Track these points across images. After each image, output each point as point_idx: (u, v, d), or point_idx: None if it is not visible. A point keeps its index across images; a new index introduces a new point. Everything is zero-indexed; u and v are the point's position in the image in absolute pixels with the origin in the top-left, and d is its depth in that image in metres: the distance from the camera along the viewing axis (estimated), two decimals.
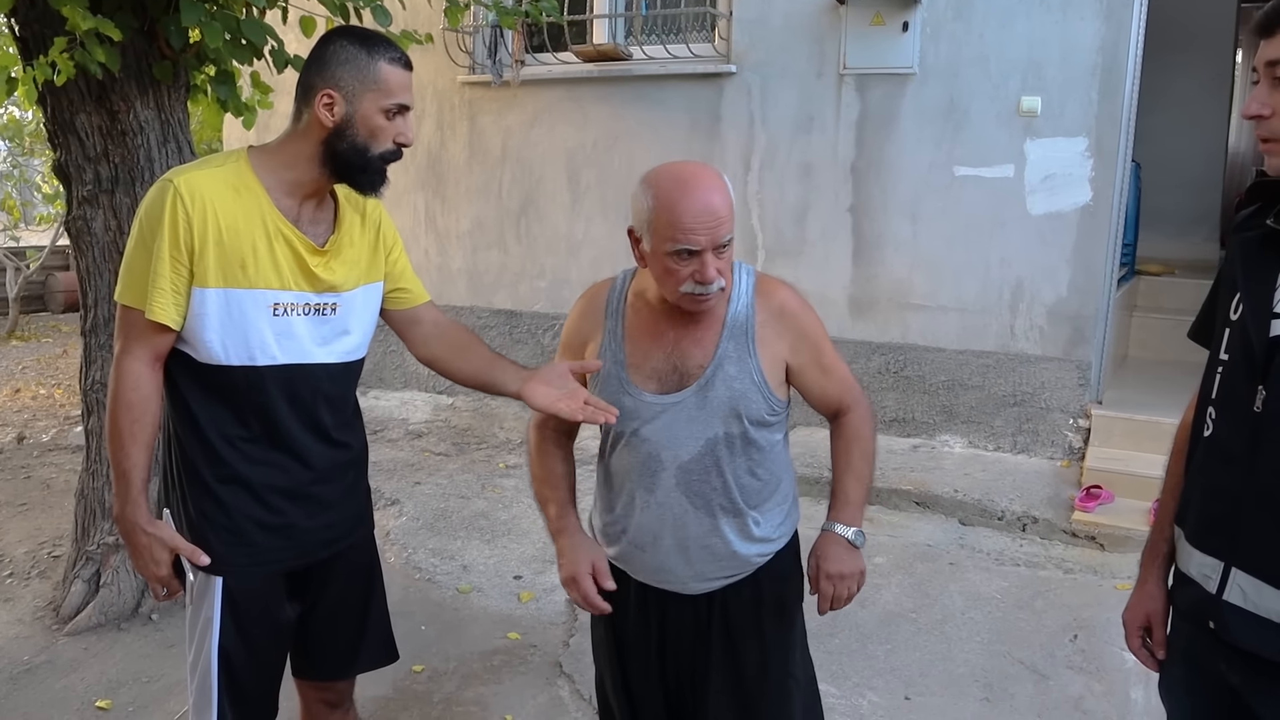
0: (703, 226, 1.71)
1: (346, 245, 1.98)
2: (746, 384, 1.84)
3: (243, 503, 1.92)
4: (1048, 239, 4.87)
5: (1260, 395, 1.44)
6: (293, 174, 1.88)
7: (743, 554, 1.93)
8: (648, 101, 5.64)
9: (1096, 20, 4.64)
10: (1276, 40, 1.41)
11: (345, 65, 1.82)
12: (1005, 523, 4.44)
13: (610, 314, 1.96)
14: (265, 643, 2.00)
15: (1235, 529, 1.49)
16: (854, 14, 5.03)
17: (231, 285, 1.83)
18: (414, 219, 6.48)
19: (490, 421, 6.15)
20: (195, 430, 1.90)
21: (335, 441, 2.01)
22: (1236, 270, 1.54)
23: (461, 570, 4.17)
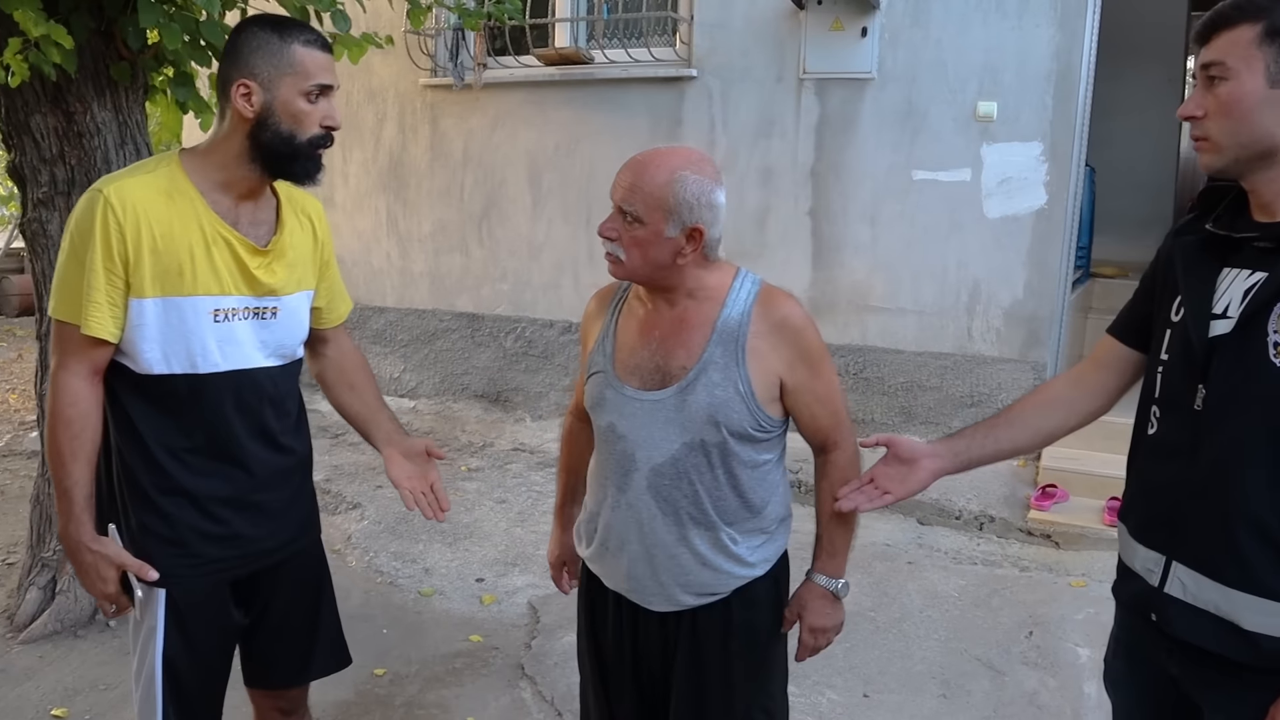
0: (618, 182, 1.78)
1: (288, 247, 1.94)
2: (730, 393, 1.77)
3: (185, 514, 1.88)
4: (1004, 242, 4.95)
5: (1200, 394, 1.49)
6: (225, 174, 1.84)
7: (717, 572, 1.86)
8: (609, 105, 5.66)
9: (1051, 27, 4.72)
10: (1211, 46, 1.47)
11: (258, 53, 1.77)
12: (963, 522, 4.51)
13: (611, 309, 1.96)
14: (210, 651, 1.98)
15: (1176, 524, 1.54)
16: (813, 19, 5.08)
17: (170, 293, 1.79)
18: (375, 222, 6.45)
19: (452, 425, 6.14)
20: (136, 442, 1.86)
21: (281, 447, 1.98)
22: (1178, 274, 1.59)
23: (423, 573, 4.16)
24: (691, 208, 1.73)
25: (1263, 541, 1.43)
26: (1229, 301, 1.49)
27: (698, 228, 1.75)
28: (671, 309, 1.84)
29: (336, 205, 6.52)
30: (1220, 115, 1.46)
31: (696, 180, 1.74)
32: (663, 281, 1.81)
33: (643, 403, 1.83)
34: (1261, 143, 1.44)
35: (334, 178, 6.50)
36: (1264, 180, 1.48)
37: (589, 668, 2.07)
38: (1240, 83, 1.43)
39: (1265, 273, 1.45)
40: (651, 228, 1.73)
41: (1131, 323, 1.76)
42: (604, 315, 1.98)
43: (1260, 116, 1.43)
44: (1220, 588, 1.47)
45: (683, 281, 1.81)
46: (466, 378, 6.39)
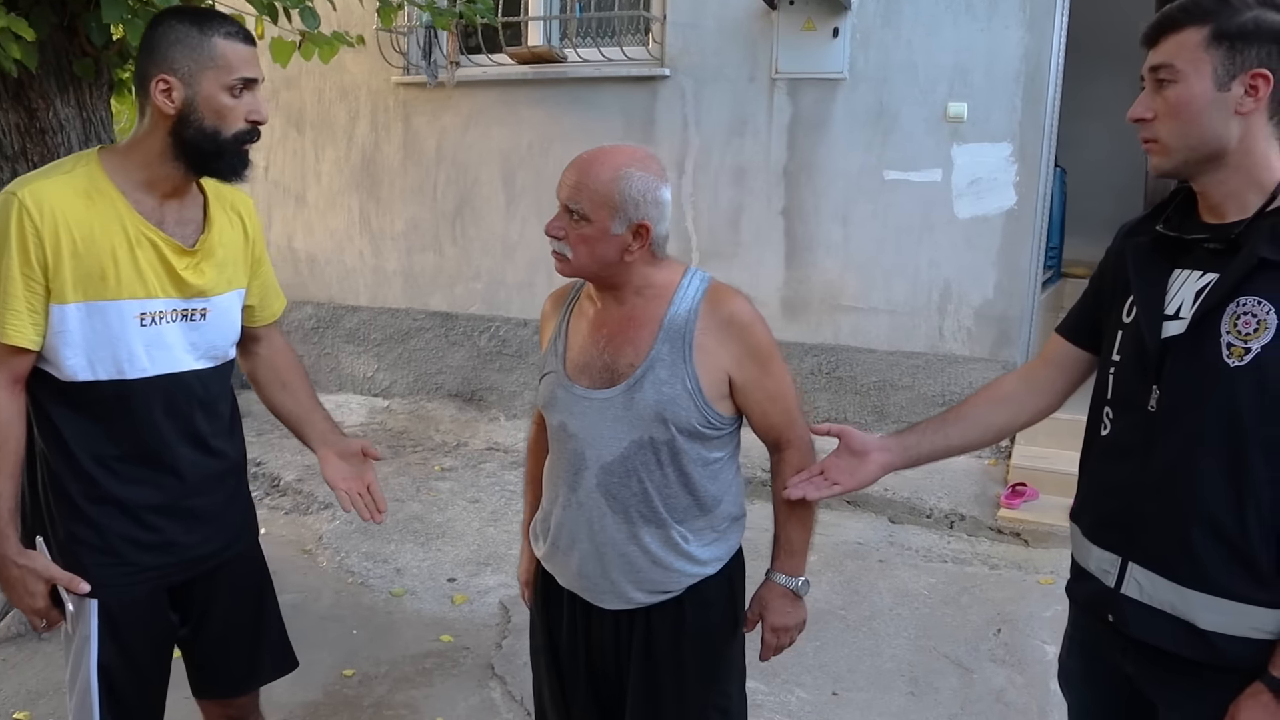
0: (564, 180, 1.78)
1: (217, 245, 1.89)
2: (677, 390, 1.77)
3: (116, 522, 1.83)
4: (974, 242, 4.98)
5: (1154, 395, 1.51)
6: (148, 173, 1.78)
7: (668, 570, 1.85)
8: (582, 104, 5.66)
9: (1020, 29, 4.75)
10: (1159, 49, 1.49)
11: (177, 46, 1.71)
12: (934, 520, 4.53)
13: (564, 309, 1.96)
14: (146, 657, 1.94)
15: (1131, 524, 1.55)
16: (785, 20, 5.09)
17: (92, 298, 1.73)
18: (348, 220, 6.42)
19: (426, 424, 6.11)
20: (62, 451, 1.80)
21: (213, 450, 1.94)
22: (1130, 275, 1.60)
23: (395, 574, 4.14)
24: (637, 204, 1.74)
25: (1216, 540, 1.44)
26: (1181, 303, 1.50)
27: (644, 224, 1.75)
28: (620, 307, 1.85)
29: (309, 203, 6.49)
30: (1169, 117, 1.48)
31: (641, 177, 1.75)
32: (610, 279, 1.82)
33: (592, 401, 1.83)
34: (1210, 145, 1.46)
35: (306, 176, 6.46)
36: (1213, 182, 1.50)
37: (544, 666, 2.06)
38: (1188, 85, 1.45)
39: (1216, 274, 1.46)
40: (598, 225, 1.74)
41: (1080, 323, 1.78)
42: (557, 315, 1.98)
43: (1208, 119, 1.44)
44: (1175, 587, 1.48)
45: (630, 279, 1.82)
46: (440, 377, 6.36)
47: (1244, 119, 1.43)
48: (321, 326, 6.61)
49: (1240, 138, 1.44)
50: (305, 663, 3.34)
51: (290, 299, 6.54)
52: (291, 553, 4.34)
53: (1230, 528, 1.43)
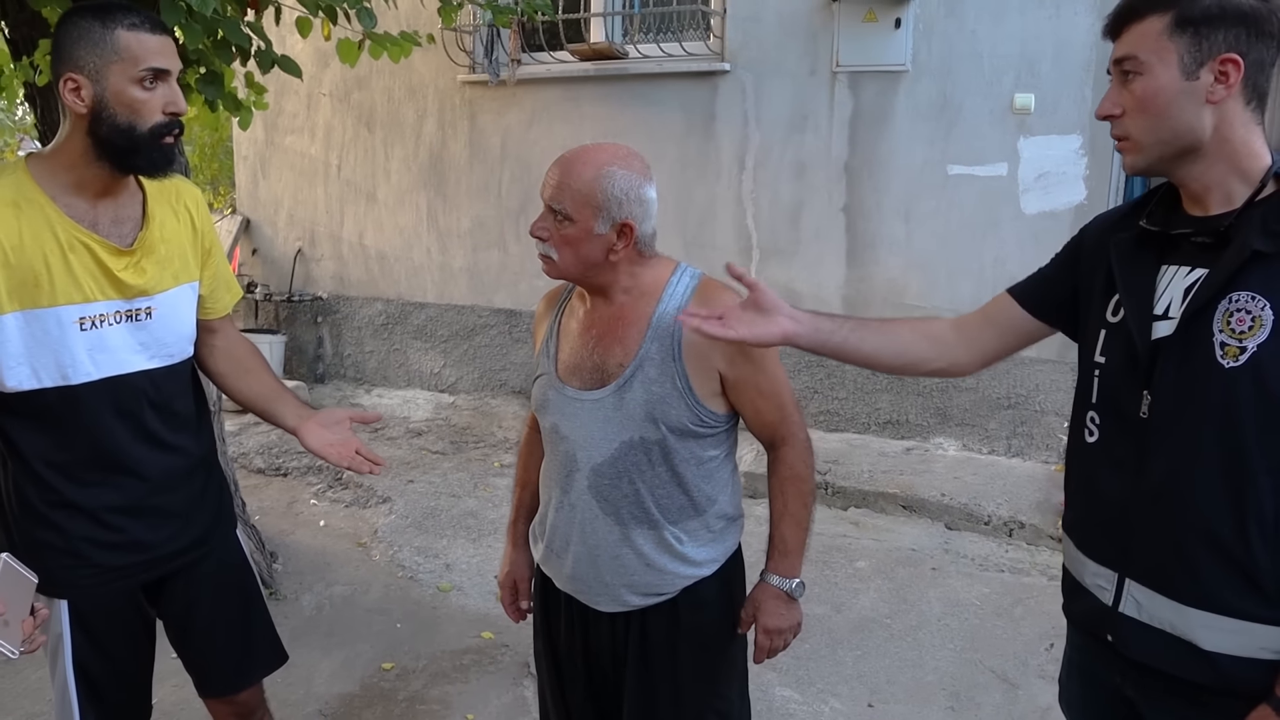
0: (547, 180, 1.77)
1: (159, 242, 1.86)
2: (667, 388, 1.75)
3: (78, 525, 1.82)
4: (1042, 239, 4.79)
5: (1145, 401, 1.42)
6: (74, 175, 1.74)
7: (661, 572, 1.84)
8: (643, 100, 5.63)
9: (1090, 15, 4.55)
10: (1122, 40, 1.42)
11: (80, 43, 1.66)
12: (992, 527, 4.38)
13: (557, 310, 1.95)
14: (124, 655, 1.95)
15: (1126, 538, 1.47)
16: (846, 11, 4.98)
17: (28, 306, 1.70)
18: (416, 218, 6.51)
19: (490, 420, 6.16)
20: (17, 459, 1.80)
21: (171, 447, 1.92)
22: (1115, 273, 1.50)
23: (444, 569, 4.18)
24: (620, 203, 1.72)
25: (1217, 555, 1.35)
26: (1170, 301, 1.42)
27: (628, 223, 1.73)
28: (609, 306, 1.83)
29: (379, 201, 6.60)
30: (1137, 112, 1.40)
31: (624, 175, 1.73)
32: (597, 279, 1.80)
33: (583, 403, 1.82)
34: (1183, 138, 1.37)
35: (376, 174, 6.57)
36: (1193, 174, 1.41)
37: (544, 668, 2.07)
38: (1154, 76, 1.37)
39: (1205, 269, 1.37)
40: (581, 225, 1.73)
41: (1039, 291, 1.67)
42: (550, 317, 1.97)
43: (1178, 110, 1.36)
44: (1175, 605, 1.39)
45: (617, 278, 1.80)
46: (504, 374, 6.41)
47: (1217, 107, 1.35)
48: (391, 323, 6.71)
49: (1215, 126, 1.36)
50: (346, 655, 3.45)
51: (360, 295, 6.74)
52: (347, 545, 4.41)
53: (1231, 541, 1.34)
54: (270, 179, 6.98)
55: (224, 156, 8.38)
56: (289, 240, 6.99)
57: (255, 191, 7.09)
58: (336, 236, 6.81)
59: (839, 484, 4.74)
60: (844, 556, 4.18)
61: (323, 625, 3.67)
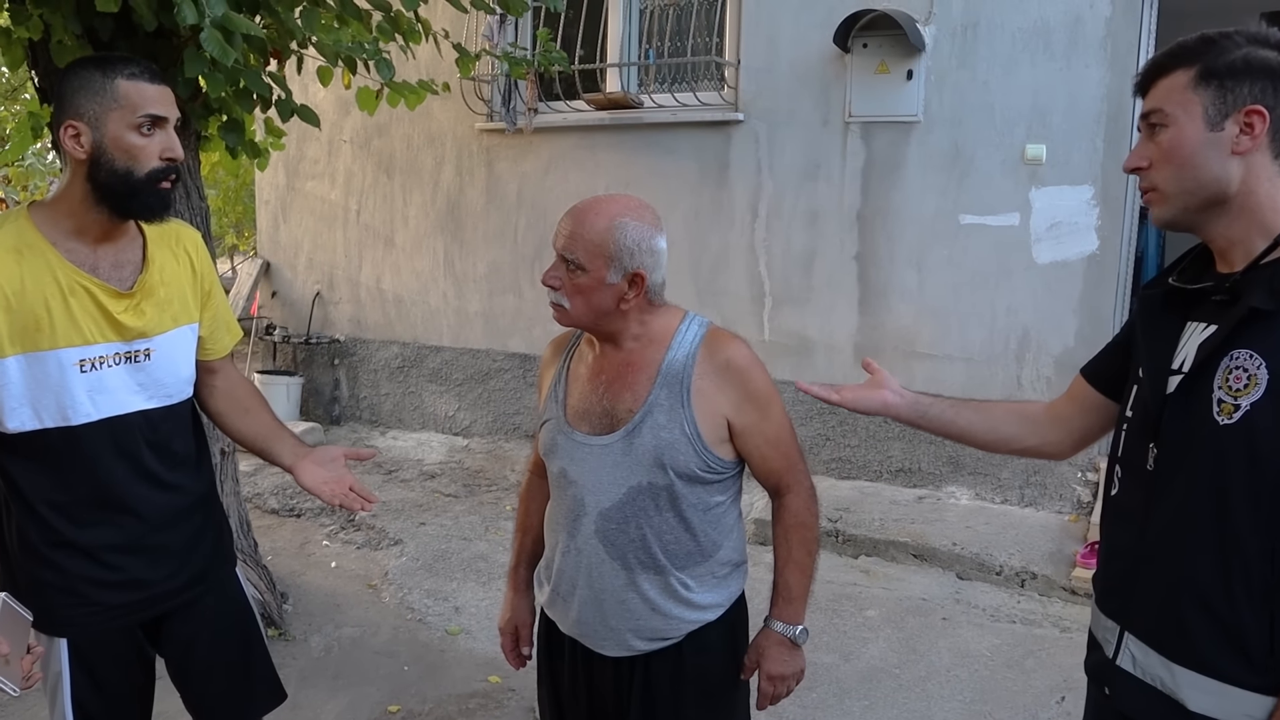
0: (559, 230, 1.80)
1: (158, 285, 1.90)
2: (676, 434, 1.77)
3: (77, 564, 1.85)
4: (1054, 288, 4.81)
5: (1152, 453, 1.42)
6: (74, 221, 1.79)
7: (667, 617, 1.84)
8: (658, 149, 5.70)
9: (1100, 68, 4.60)
10: (1150, 95, 1.44)
11: (81, 92, 1.72)
12: (1004, 578, 4.34)
13: (564, 356, 1.98)
14: (122, 693, 1.96)
15: (1129, 592, 1.47)
16: (859, 63, 5.04)
17: (29, 349, 1.74)
18: (433, 262, 6.58)
19: (502, 464, 6.18)
20: (18, 499, 1.83)
21: (169, 486, 1.94)
22: (1138, 326, 1.52)
23: (453, 611, 4.18)
24: (632, 253, 1.76)
25: (1206, 616, 1.34)
26: (1185, 356, 1.42)
27: (639, 273, 1.77)
28: (618, 353, 1.86)
29: (397, 246, 6.68)
30: (1164, 163, 1.41)
31: (636, 226, 1.77)
32: (607, 327, 1.83)
33: (591, 448, 1.84)
34: (1207, 188, 1.38)
35: (394, 219, 6.66)
36: (1218, 229, 1.42)
37: (548, 713, 2.07)
38: (1180, 128, 1.39)
39: (1217, 325, 1.38)
40: (593, 274, 1.76)
41: (1101, 367, 1.70)
42: (557, 362, 2.00)
43: (1203, 160, 1.38)
44: (1166, 662, 1.39)
45: (627, 326, 1.83)
46: (518, 418, 6.44)
47: (1243, 159, 1.36)
48: (406, 365, 6.76)
49: (1242, 179, 1.37)
50: (353, 696, 3.45)
51: (377, 338, 6.80)
52: (358, 587, 4.42)
53: (1219, 602, 1.33)
54: (290, 223, 7.08)
55: (248, 200, 8.51)
56: (308, 283, 7.08)
57: (276, 235, 7.19)
58: (354, 280, 6.88)
59: (850, 532, 4.72)
60: (853, 605, 4.15)
61: (330, 667, 3.67)
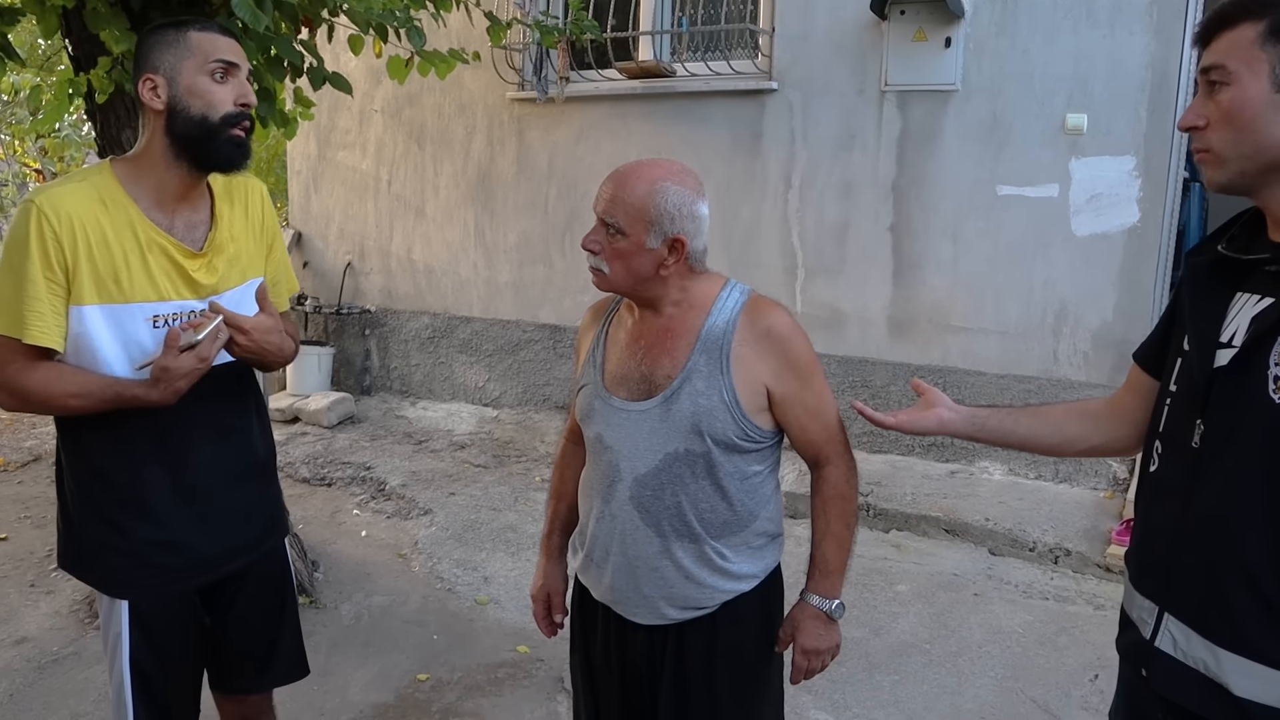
0: (600, 194, 1.79)
1: (227, 241, 1.94)
2: (714, 401, 1.75)
3: (138, 525, 1.88)
4: (1093, 261, 4.71)
5: (1199, 430, 1.37)
6: (155, 178, 1.83)
7: (701, 585, 1.83)
8: (690, 118, 5.63)
9: (1145, 35, 4.48)
10: (1211, 49, 1.36)
11: (157, 47, 1.79)
12: (1037, 554, 4.29)
13: (603, 321, 1.97)
14: (178, 655, 1.99)
15: (1170, 572, 1.42)
16: (895, 30, 4.95)
17: (106, 300, 1.78)
18: (464, 233, 6.57)
19: (532, 435, 6.18)
20: (82, 458, 1.87)
21: (232, 446, 1.99)
22: (1184, 296, 1.47)
23: (482, 581, 4.19)
24: (673, 218, 1.73)
25: (1254, 597, 1.29)
26: (1236, 329, 1.36)
27: (679, 238, 1.74)
28: (658, 318, 1.84)
29: (428, 216, 6.67)
30: (1223, 124, 1.34)
31: (677, 191, 1.74)
32: (647, 293, 1.81)
33: (629, 413, 1.83)
34: (1267, 153, 1.31)
35: (425, 190, 6.64)
36: (1276, 196, 1.35)
37: (579, 680, 2.07)
38: (1242, 87, 1.31)
39: (1273, 298, 1.32)
40: (633, 239, 1.74)
41: (1154, 349, 1.63)
42: (596, 327, 1.98)
43: (1265, 123, 1.30)
44: (1210, 645, 1.34)
45: (667, 292, 1.81)
46: (548, 389, 6.43)
47: None
48: (437, 336, 6.77)
49: None
50: (382, 665, 3.47)
51: (408, 309, 6.80)
52: (388, 556, 4.44)
53: (1267, 584, 1.28)
54: (322, 194, 7.08)
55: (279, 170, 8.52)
56: (339, 254, 7.09)
57: (307, 206, 7.20)
58: (385, 251, 6.89)
59: (881, 506, 4.68)
60: (884, 579, 4.12)
61: (360, 635, 3.69)
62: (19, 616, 3.79)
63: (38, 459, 5.85)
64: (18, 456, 5.88)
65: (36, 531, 4.65)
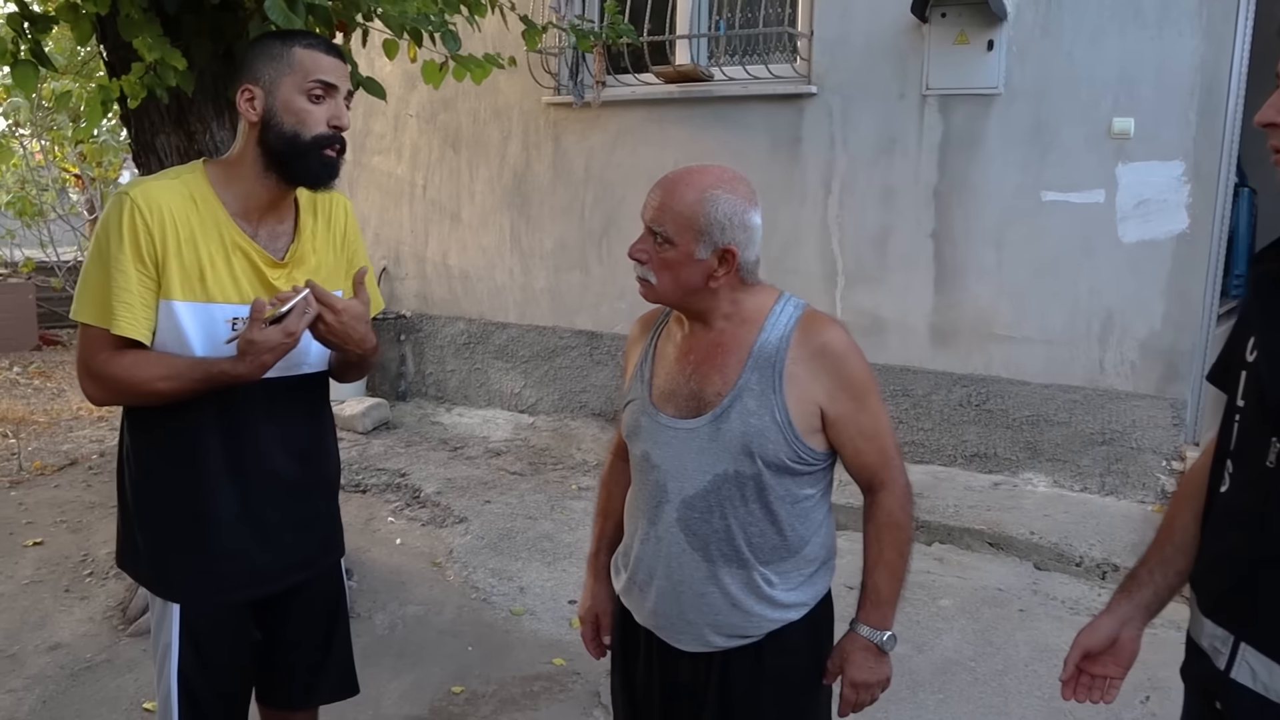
0: (648, 202, 1.73)
1: (309, 253, 1.94)
2: (766, 421, 1.68)
3: (196, 528, 1.87)
4: (1140, 269, 4.61)
5: (1274, 449, 1.30)
6: (244, 185, 1.84)
7: (748, 613, 1.76)
8: (728, 123, 5.58)
9: (1195, 37, 4.38)
10: None
11: (260, 58, 1.79)
12: (1084, 569, 4.19)
13: (652, 334, 1.91)
14: (227, 669, 1.97)
15: (1247, 599, 1.35)
16: (937, 33, 4.87)
17: (189, 298, 1.78)
18: (499, 238, 6.55)
19: (569, 442, 6.14)
20: (145, 456, 1.86)
21: (296, 459, 1.96)
22: (1250, 306, 1.39)
23: (518, 592, 4.15)
24: (723, 228, 1.67)
25: None
26: None
27: (730, 249, 1.68)
28: (708, 333, 1.78)
29: (463, 221, 6.66)
30: None
31: (729, 200, 1.67)
32: (695, 305, 1.76)
33: (677, 431, 1.77)
34: None
35: (461, 195, 6.63)
36: None
37: (620, 703, 2.01)
38: None
39: None
40: (682, 249, 1.68)
41: (1220, 364, 1.55)
42: (644, 340, 1.93)
43: None
44: None
45: (718, 305, 1.75)
46: (584, 395, 6.39)
47: None
48: (473, 342, 6.76)
49: None
50: (416, 676, 3.44)
51: (443, 314, 6.80)
52: (422, 565, 4.42)
53: None
54: (357, 198, 7.10)
55: None
56: (374, 259, 7.09)
57: None
58: (421, 256, 6.88)
59: (923, 518, 4.59)
60: (927, 594, 4.04)
61: (394, 645, 3.67)
62: (53, 622, 3.80)
63: (74, 463, 5.89)
64: (54, 460, 5.93)
65: (72, 536, 4.68)
